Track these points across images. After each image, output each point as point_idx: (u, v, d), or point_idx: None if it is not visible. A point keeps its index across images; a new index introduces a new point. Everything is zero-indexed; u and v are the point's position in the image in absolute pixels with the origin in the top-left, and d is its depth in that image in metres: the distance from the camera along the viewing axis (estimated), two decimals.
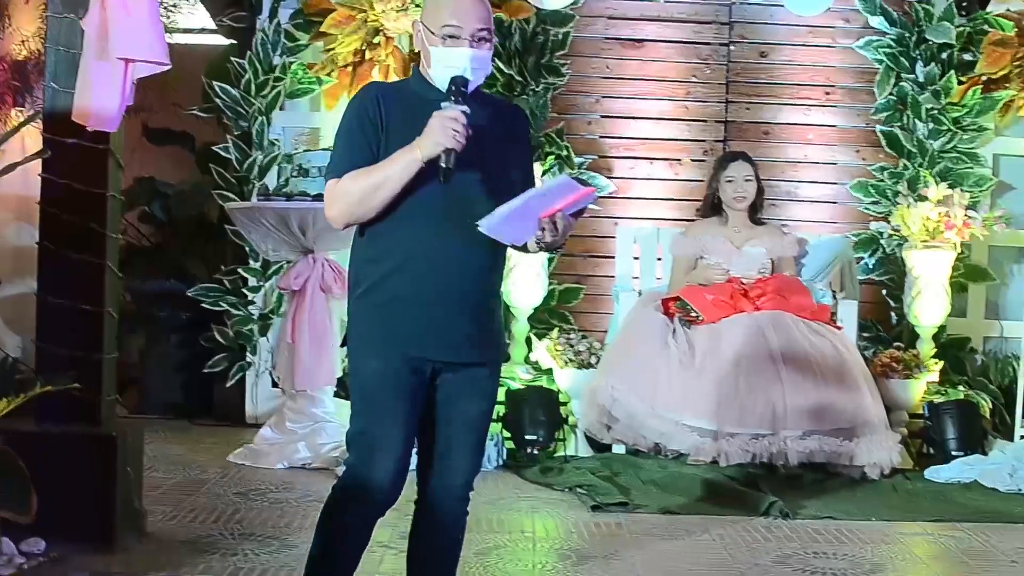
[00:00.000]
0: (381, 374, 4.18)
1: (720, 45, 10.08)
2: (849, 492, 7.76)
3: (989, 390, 9.48)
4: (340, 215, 4.13)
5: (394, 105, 4.16)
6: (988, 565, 6.26)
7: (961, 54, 9.85)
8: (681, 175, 10.03)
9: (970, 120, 9.83)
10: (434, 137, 3.97)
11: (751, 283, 8.64)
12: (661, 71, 10.08)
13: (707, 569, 5.98)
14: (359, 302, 4.24)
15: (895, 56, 9.86)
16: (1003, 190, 10.07)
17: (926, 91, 9.78)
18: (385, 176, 4.04)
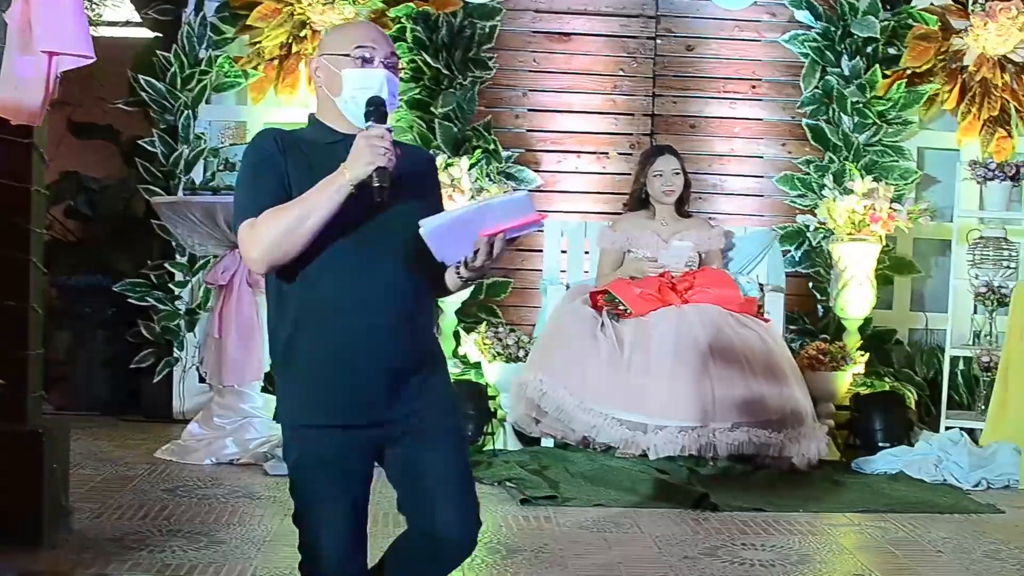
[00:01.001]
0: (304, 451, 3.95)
1: (647, 39, 10.10)
2: (777, 484, 7.80)
3: (915, 381, 9.57)
4: (263, 255, 3.80)
5: (294, 149, 3.93)
6: (914, 555, 6.31)
7: (886, 48, 9.92)
8: (608, 168, 10.05)
9: (895, 114, 9.90)
10: (363, 158, 3.75)
11: (679, 276, 8.67)
12: (588, 65, 10.09)
13: (636, 562, 6.00)
14: (279, 364, 4.02)
15: (820, 50, 9.91)
16: (927, 183, 10.15)
17: (851, 85, 9.84)
18: (312, 205, 3.76)
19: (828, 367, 8.81)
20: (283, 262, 3.83)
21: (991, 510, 7.40)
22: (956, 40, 9.79)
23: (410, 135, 9.51)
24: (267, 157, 3.92)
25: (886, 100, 9.86)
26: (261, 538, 6.21)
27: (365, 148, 3.77)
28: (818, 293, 9.88)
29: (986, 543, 6.57)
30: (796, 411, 8.16)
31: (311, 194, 3.78)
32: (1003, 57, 9.75)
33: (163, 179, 9.48)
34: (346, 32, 4.08)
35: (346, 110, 3.98)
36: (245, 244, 3.83)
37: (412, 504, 4.02)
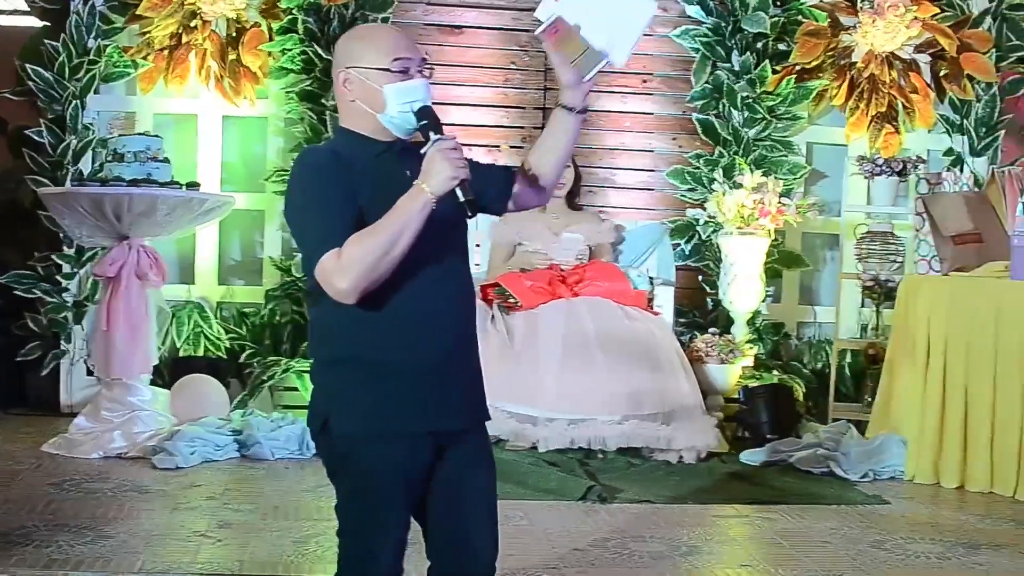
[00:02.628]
0: (382, 462, 3.83)
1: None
2: (666, 476, 7.84)
3: (803, 374, 9.66)
4: (357, 283, 3.64)
5: (349, 167, 3.77)
6: (801, 545, 6.36)
7: (776, 44, 10.00)
8: (500, 162, 10.02)
9: (784, 109, 9.98)
10: (444, 172, 3.64)
11: (569, 269, 8.69)
12: (480, 58, 10.08)
13: (525, 555, 5.99)
14: (341, 370, 3.85)
15: (711, 45, 9.97)
16: (816, 178, 10.25)
17: (741, 80, 9.90)
18: (402, 226, 3.63)
19: (717, 360, 8.88)
20: (373, 288, 3.68)
21: (877, 501, 7.48)
22: (845, 37, 9.89)
23: (301, 127, 9.46)
24: (333, 179, 3.76)
25: (776, 95, 9.93)
26: (148, 532, 6.15)
27: (443, 162, 3.67)
28: (707, 286, 9.94)
29: (872, 534, 6.64)
30: (685, 404, 8.22)
31: (395, 215, 3.65)
32: (891, 54, 9.87)
33: (51, 169, 9.36)
34: (377, 43, 3.88)
35: (392, 125, 3.86)
36: (331, 274, 3.66)
37: (444, 522, 3.97)
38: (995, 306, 7.85)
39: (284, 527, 6.34)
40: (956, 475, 7.93)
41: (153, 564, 5.62)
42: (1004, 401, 7.75)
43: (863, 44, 9.85)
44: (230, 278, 9.88)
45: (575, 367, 8.13)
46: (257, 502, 6.88)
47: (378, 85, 3.82)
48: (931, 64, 9.96)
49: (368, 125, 3.88)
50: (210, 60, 9.37)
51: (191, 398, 8.52)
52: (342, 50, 3.95)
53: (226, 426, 8.15)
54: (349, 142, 3.89)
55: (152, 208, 8.04)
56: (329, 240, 3.66)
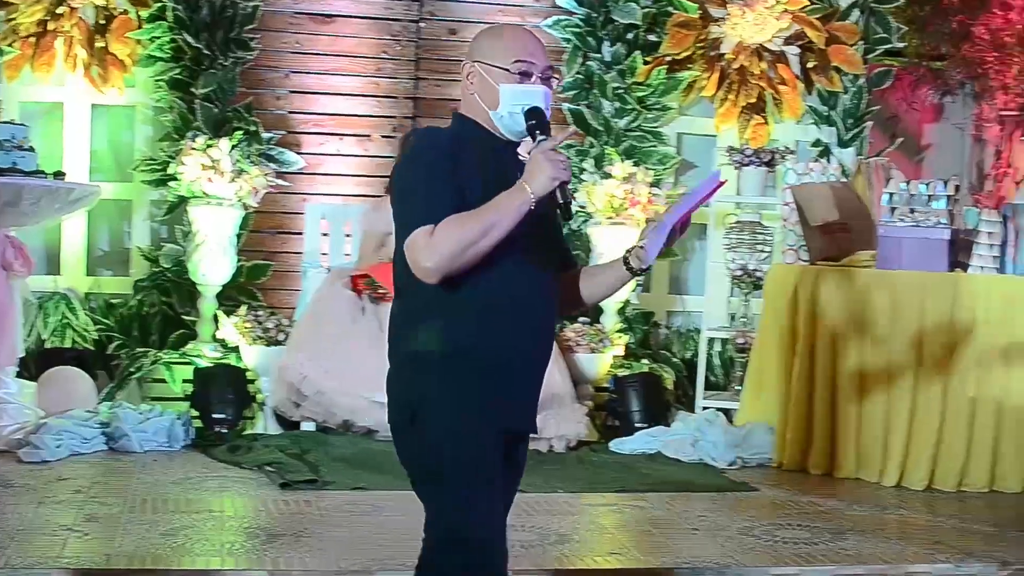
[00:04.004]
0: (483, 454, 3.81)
1: (410, 22, 10.07)
2: (536, 465, 7.80)
3: (673, 363, 9.72)
4: (441, 264, 3.63)
5: (461, 153, 3.78)
6: (671, 533, 6.41)
7: (646, 35, 10.05)
8: (371, 151, 10.00)
9: (655, 100, 10.04)
10: (547, 173, 3.63)
11: None
12: (351, 47, 10.03)
13: (396, 544, 5.97)
14: (445, 366, 3.78)
15: (582, 36, 9.99)
16: (686, 168, 10.32)
17: (612, 71, 9.94)
18: (495, 219, 3.63)
19: (587, 349, 8.92)
20: (455, 273, 3.67)
21: (745, 488, 7.56)
22: (715, 28, 9.97)
23: (170, 116, 9.37)
24: (443, 160, 3.75)
25: (646, 86, 9.99)
26: (14, 527, 6.06)
27: (546, 163, 3.65)
28: None
29: (740, 520, 6.71)
30: (555, 393, 8.23)
31: (493, 208, 3.65)
32: (760, 46, 9.95)
33: None
34: (506, 42, 3.91)
35: (501, 124, 3.85)
36: (419, 251, 3.65)
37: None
38: (861, 295, 7.95)
39: (152, 520, 6.28)
40: (823, 462, 8.02)
41: (19, 559, 5.54)
42: (868, 389, 7.85)
43: (733, 36, 9.93)
44: (98, 269, 9.75)
45: None
46: (125, 495, 6.81)
47: (496, 83, 3.84)
48: (800, 56, 10.05)
49: (482, 118, 3.89)
50: (77, 48, 9.24)
51: (58, 390, 8.41)
52: (475, 45, 3.97)
53: (93, 418, 8.06)
54: (470, 131, 3.90)
55: (17, 198, 7.91)
56: (426, 218, 3.67)
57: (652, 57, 10.00)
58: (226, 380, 8.54)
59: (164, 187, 9.27)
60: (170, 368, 8.71)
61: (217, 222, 9.01)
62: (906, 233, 8.00)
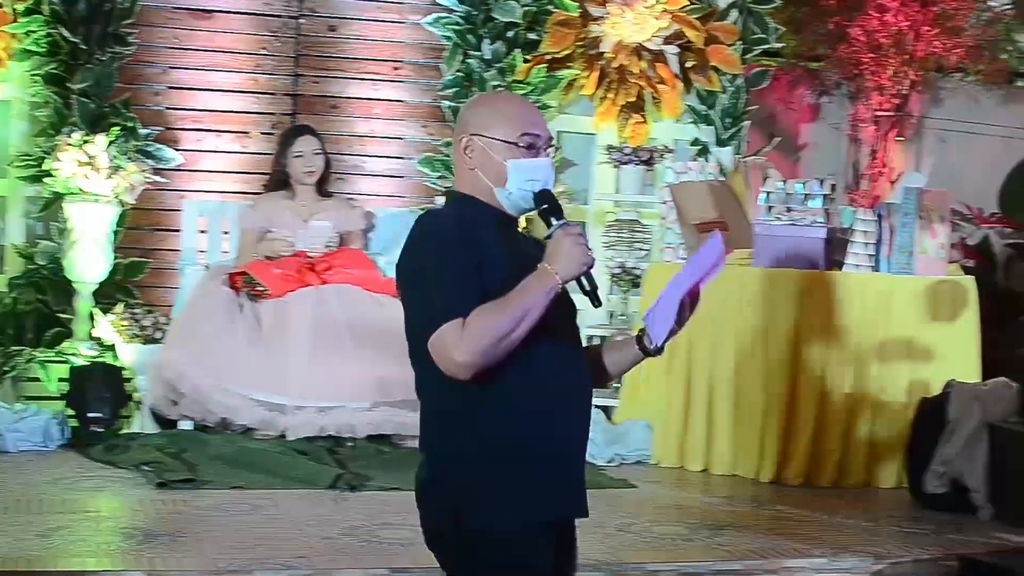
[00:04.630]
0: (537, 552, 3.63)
1: (290, 18, 10.01)
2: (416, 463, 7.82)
3: None
4: (476, 359, 3.47)
5: (471, 236, 3.58)
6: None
7: (526, 33, 10.05)
8: (249, 148, 9.92)
9: (534, 98, 10.04)
10: (577, 258, 3.53)
11: (318, 257, 8.66)
12: (230, 43, 9.94)
13: (275, 543, 5.96)
14: (473, 460, 3.62)
15: (462, 33, 9.98)
16: (565, 166, 10.32)
17: (492, 69, 9.95)
18: (527, 306, 3.48)
19: None
20: (488, 367, 3.50)
21: (624, 485, 7.60)
22: (595, 27, 9.99)
23: (46, 111, 9.25)
24: (457, 245, 3.56)
25: (526, 84, 9.99)
26: None
27: (575, 248, 3.54)
28: None
29: (619, 517, 6.73)
30: None
31: (522, 295, 3.50)
32: (640, 45, 9.99)
33: None
34: (508, 113, 3.73)
35: (507, 201, 3.70)
36: (451, 347, 3.48)
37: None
38: (738, 293, 8.02)
39: (27, 521, 6.20)
40: (700, 458, 8.09)
41: None
42: (746, 385, 7.92)
43: (612, 35, 9.96)
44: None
45: (324, 354, 8.11)
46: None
47: (502, 159, 3.68)
48: (679, 56, 10.10)
49: (485, 195, 3.72)
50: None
51: None
52: (470, 115, 3.79)
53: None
54: (474, 209, 3.71)
55: None
56: (452, 310, 3.50)
57: (532, 55, 10.01)
58: (102, 379, 8.43)
59: (39, 183, 9.14)
60: (45, 367, 8.60)
61: (93, 219, 8.91)
62: (783, 232, 8.09)
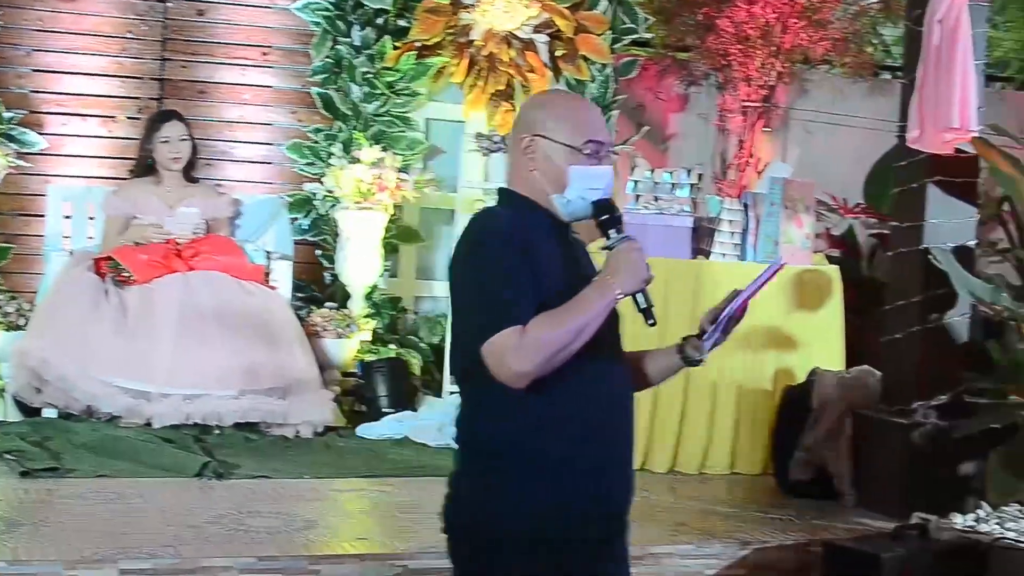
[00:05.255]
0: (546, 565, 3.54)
1: (157, 1, 9.88)
2: (283, 451, 7.83)
3: (420, 348, 9.75)
4: (534, 368, 3.40)
5: (527, 239, 3.52)
6: (416, 517, 6.42)
7: (396, 20, 10.02)
8: (115, 133, 9.80)
9: (404, 85, 10.03)
10: (638, 274, 3.53)
11: (185, 243, 8.59)
12: (96, 26, 9.80)
13: (141, 532, 5.91)
14: (503, 465, 3.56)
15: (332, 19, 9.93)
16: (434, 154, 10.33)
17: (362, 55, 9.92)
18: (588, 317, 3.44)
19: (334, 334, 8.90)
20: (543, 376, 3.43)
21: None
22: (465, 15, 9.99)
23: None
24: (515, 250, 3.48)
25: (396, 71, 9.97)
26: None
27: (638, 263, 3.55)
28: (326, 261, 9.92)
29: None
30: (301, 378, 8.23)
31: (582, 306, 3.46)
32: (510, 33, 10.00)
33: None
34: (574, 118, 3.66)
35: (565, 208, 3.64)
36: (508, 353, 3.39)
37: None
38: None
39: None
40: None
41: None
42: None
43: (483, 23, 9.97)
44: None
45: (190, 342, 8.05)
46: None
47: (564, 164, 3.61)
48: (548, 44, 10.14)
49: (541, 198, 3.65)
50: None
51: None
52: (534, 114, 3.71)
53: None
54: (529, 212, 3.64)
55: None
56: (511, 316, 3.41)
57: (402, 42, 9.98)
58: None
59: None
60: None
61: None
62: (650, 220, 8.15)
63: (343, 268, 9.54)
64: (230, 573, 5.43)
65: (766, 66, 10.77)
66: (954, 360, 6.84)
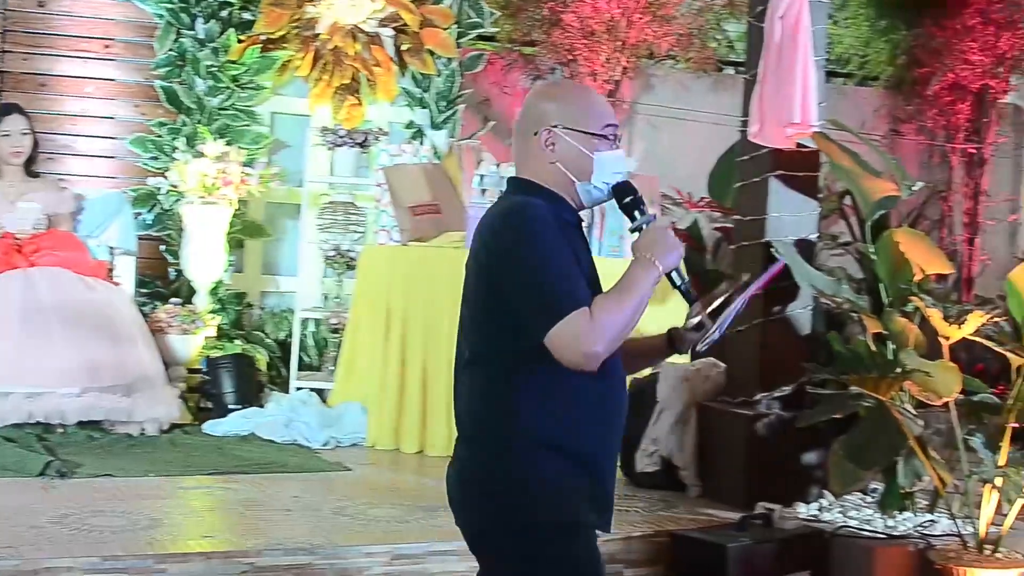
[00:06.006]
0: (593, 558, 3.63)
1: None
2: (128, 449, 7.75)
3: (266, 344, 9.70)
4: (607, 348, 3.43)
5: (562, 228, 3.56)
6: (264, 514, 6.38)
7: (241, 13, 9.97)
8: None
9: (249, 78, 9.98)
10: (674, 250, 3.54)
11: (25, 239, 8.47)
12: None
13: None
14: (537, 455, 3.55)
15: (175, 12, 9.84)
16: (279, 148, 10.27)
17: (206, 48, 9.84)
18: (643, 296, 3.48)
19: (179, 330, 8.83)
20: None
21: (339, 468, 7.59)
22: (310, 8, 9.95)
23: None
24: (560, 238, 3.50)
25: (240, 65, 9.92)
26: None
27: (672, 239, 3.54)
28: (170, 256, 9.83)
29: (333, 500, 6.72)
30: (146, 375, 8.16)
31: (634, 284, 3.49)
32: (355, 27, 9.98)
33: None
34: (590, 105, 3.68)
35: (587, 195, 3.65)
36: (582, 336, 3.39)
37: None
38: (451, 275, 7.99)
39: None
40: (416, 440, 8.12)
41: None
42: None
43: (328, 16, 9.93)
44: None
45: (32, 339, 7.94)
46: None
47: (589, 151, 3.61)
48: (394, 38, 10.12)
49: (560, 187, 3.65)
50: None
51: None
52: (548, 106, 3.68)
53: None
54: (553, 203, 3.63)
55: None
56: (576, 300, 3.43)
57: (246, 35, 9.92)
58: None
59: None
60: None
61: None
62: None
63: (188, 263, 9.45)
64: (73, 574, 5.34)
65: (611, 61, 10.85)
66: (797, 351, 6.92)
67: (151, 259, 9.84)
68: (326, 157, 9.89)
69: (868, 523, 6.34)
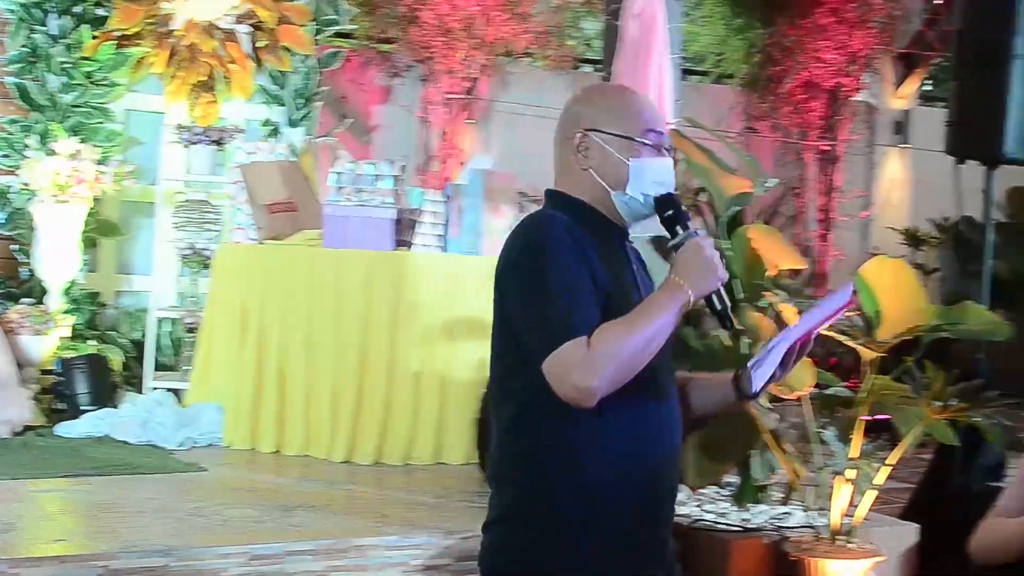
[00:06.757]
0: None
1: None
2: None
3: (121, 344, 9.59)
4: (603, 383, 3.02)
5: (584, 242, 3.16)
6: (117, 516, 6.31)
7: (95, 9, 9.84)
8: None
9: (103, 75, 9.86)
10: (711, 274, 3.13)
11: None
12: None
13: None
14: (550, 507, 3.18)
15: (28, 7, 9.70)
16: (133, 145, 10.16)
17: (59, 44, 9.71)
18: (661, 325, 3.07)
19: (31, 331, 8.72)
20: (609, 394, 3.07)
21: (195, 468, 7.54)
22: (165, 5, 9.86)
23: None
24: (577, 257, 3.13)
25: (94, 61, 9.79)
26: None
27: (711, 261, 3.14)
28: (22, 256, 9.68)
29: (190, 501, 6.67)
30: None
31: (650, 312, 3.09)
32: (211, 23, 9.91)
33: None
34: (628, 107, 3.33)
35: (625, 207, 3.29)
36: (574, 368, 3.02)
37: None
38: (308, 273, 8.04)
39: None
40: (273, 440, 8.08)
41: None
42: (317, 367, 7.96)
43: (183, 12, 9.85)
44: None
45: None
46: None
47: (624, 158, 3.27)
48: (251, 35, 10.06)
49: (596, 199, 3.31)
50: None
51: None
52: (582, 108, 3.38)
53: None
54: (581, 215, 3.28)
55: None
56: (574, 328, 3.05)
57: (100, 32, 9.81)
58: None
59: None
60: None
61: None
62: (352, 212, 8.13)
63: (40, 263, 9.33)
64: None
65: (469, 59, 10.89)
66: None
67: (2, 259, 9.69)
68: (181, 155, 9.80)
69: (724, 516, 6.42)
